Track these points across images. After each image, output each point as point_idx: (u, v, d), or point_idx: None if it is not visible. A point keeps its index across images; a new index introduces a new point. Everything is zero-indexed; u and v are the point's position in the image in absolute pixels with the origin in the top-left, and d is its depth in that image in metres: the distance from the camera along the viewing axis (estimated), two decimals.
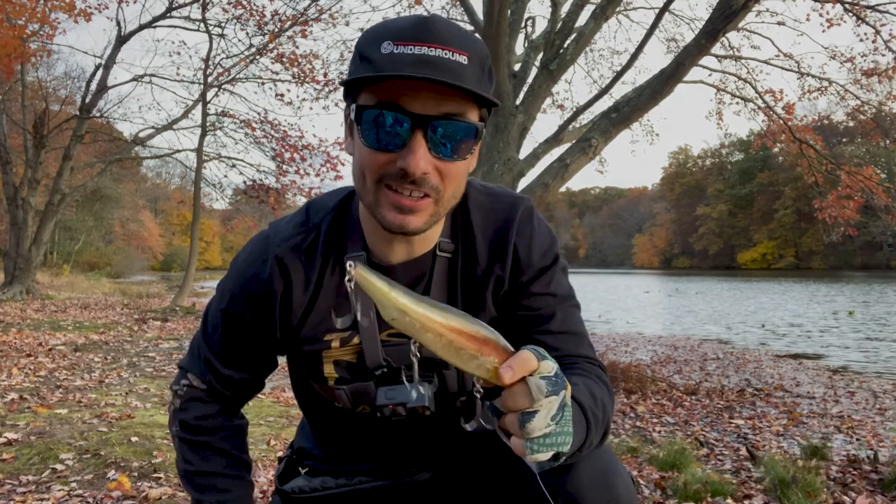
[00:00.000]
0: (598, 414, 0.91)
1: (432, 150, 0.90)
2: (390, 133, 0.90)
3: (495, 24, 5.64)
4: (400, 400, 1.03)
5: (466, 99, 0.90)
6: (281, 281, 1.06)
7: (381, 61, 0.87)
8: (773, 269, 68.24)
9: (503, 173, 6.11)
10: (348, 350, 1.09)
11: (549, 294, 1.09)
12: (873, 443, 4.30)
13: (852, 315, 15.29)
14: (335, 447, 1.25)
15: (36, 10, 11.76)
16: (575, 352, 1.07)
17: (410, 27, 0.89)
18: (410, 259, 1.07)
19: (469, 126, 0.92)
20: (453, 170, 0.94)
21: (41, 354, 6.35)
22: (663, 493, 2.76)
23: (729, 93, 11.61)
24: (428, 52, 0.87)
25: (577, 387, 0.92)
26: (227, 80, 15.04)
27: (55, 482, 2.61)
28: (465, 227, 1.09)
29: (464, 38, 0.91)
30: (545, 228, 1.12)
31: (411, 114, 0.88)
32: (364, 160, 0.94)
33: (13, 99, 17.07)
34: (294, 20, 12.63)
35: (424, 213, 0.94)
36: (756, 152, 63.44)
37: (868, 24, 9.37)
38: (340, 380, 1.11)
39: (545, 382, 0.74)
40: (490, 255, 1.08)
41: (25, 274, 15.34)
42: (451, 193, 0.96)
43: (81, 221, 34.74)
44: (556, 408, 0.74)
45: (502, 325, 1.11)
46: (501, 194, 1.13)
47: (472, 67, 0.90)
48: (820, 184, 10.91)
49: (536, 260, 1.08)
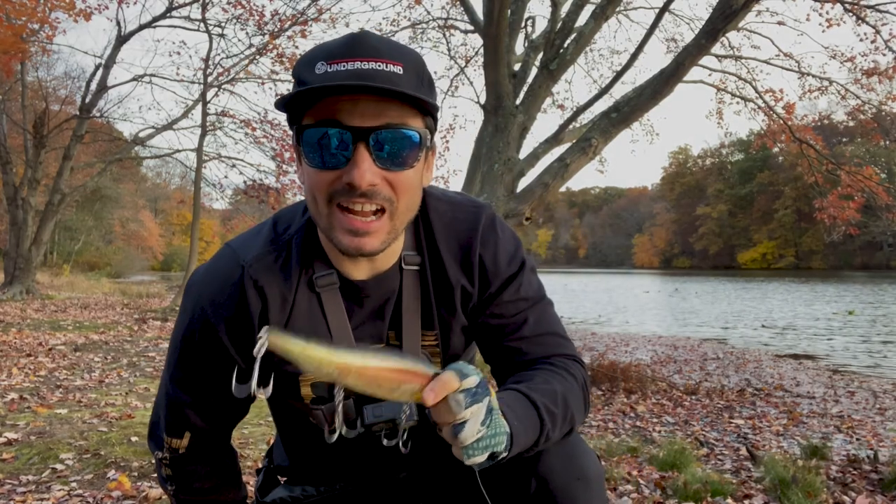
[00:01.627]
0: (554, 410, 0.94)
1: (377, 162, 0.90)
2: (333, 150, 0.90)
3: (495, 24, 5.64)
4: (388, 416, 1.02)
5: (406, 107, 0.91)
6: (258, 302, 1.02)
7: (316, 81, 0.88)
8: (773, 269, 68.21)
9: (503, 173, 6.11)
10: None
11: (520, 300, 1.09)
12: (873, 443, 4.30)
13: (853, 315, 15.28)
14: (309, 463, 1.23)
15: (36, 9, 11.76)
16: (549, 352, 1.07)
17: (342, 45, 0.90)
18: (377, 274, 1.05)
19: (411, 133, 0.91)
20: (403, 180, 0.93)
21: (41, 354, 6.35)
22: (663, 493, 2.76)
23: (729, 93, 11.61)
24: (361, 66, 0.88)
25: (535, 385, 0.96)
26: (227, 80, 15.04)
27: (55, 482, 2.61)
28: (429, 238, 1.08)
29: (397, 49, 0.93)
30: (508, 234, 1.12)
31: (351, 127, 0.88)
32: (312, 181, 0.93)
33: (13, 99, 17.06)
34: (294, 20, 12.63)
35: (380, 233, 0.94)
36: (756, 152, 63.42)
37: (868, 24, 9.37)
38: (318, 399, 1.08)
39: (464, 396, 0.79)
40: (457, 267, 1.07)
41: (25, 274, 15.33)
42: (406, 205, 0.95)
43: (81, 221, 34.71)
44: (482, 414, 0.80)
45: (474, 333, 1.12)
46: (462, 203, 1.11)
47: (408, 76, 0.90)
48: (820, 184, 10.92)
49: (503, 269, 1.08)
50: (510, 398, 0.91)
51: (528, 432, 0.89)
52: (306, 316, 1.05)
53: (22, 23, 11.49)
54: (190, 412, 1.10)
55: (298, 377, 1.07)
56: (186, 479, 1.15)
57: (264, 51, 13.61)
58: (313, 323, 1.05)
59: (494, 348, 1.10)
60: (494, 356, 1.11)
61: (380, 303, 1.06)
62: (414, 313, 1.07)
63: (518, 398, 0.92)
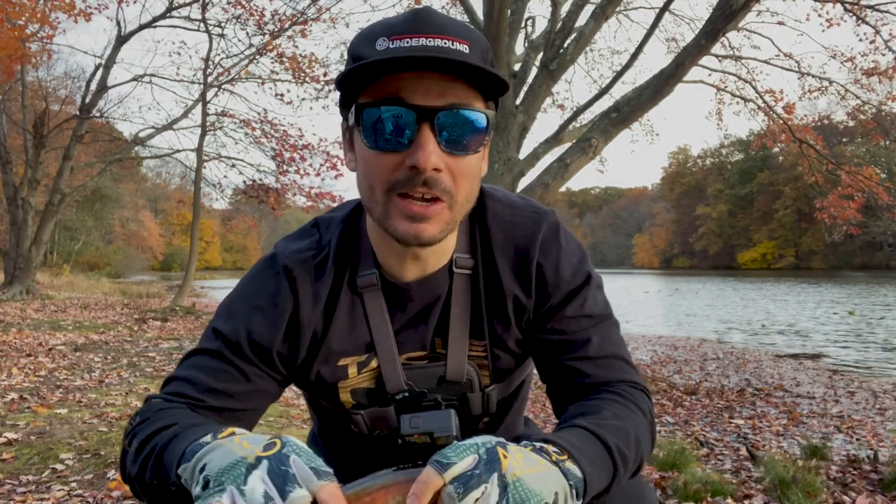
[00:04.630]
0: (626, 452, 0.85)
1: (441, 144, 0.84)
2: (395, 130, 0.84)
3: (495, 24, 5.64)
4: (425, 429, 0.93)
5: (471, 89, 0.86)
6: (290, 295, 0.97)
7: (378, 58, 0.82)
8: (773, 269, 68.22)
9: (503, 173, 6.11)
10: (366, 375, 1.01)
11: (584, 316, 0.99)
12: (873, 443, 4.30)
13: (853, 315, 15.28)
14: (348, 463, 1.15)
15: (36, 10, 11.77)
16: (614, 377, 0.98)
17: (405, 21, 0.85)
18: (424, 276, 0.99)
19: (478, 115, 0.86)
20: (464, 167, 0.87)
21: (41, 354, 6.35)
22: (663, 493, 2.76)
23: (729, 93, 11.62)
24: (426, 42, 0.82)
25: (605, 421, 0.87)
26: (227, 80, 15.05)
27: (55, 482, 2.61)
28: (484, 242, 1.01)
29: (462, 27, 0.87)
30: (574, 244, 1.04)
31: (415, 106, 0.83)
32: (370, 167, 0.87)
33: (13, 99, 17.07)
34: (294, 20, 12.63)
35: (439, 221, 0.87)
36: (756, 152, 63.41)
37: (868, 24, 9.38)
38: (358, 405, 1.03)
39: (454, 486, 0.68)
40: (511, 275, 1.00)
41: (25, 274, 15.34)
42: (465, 196, 0.90)
43: (81, 221, 34.74)
44: (495, 495, 0.68)
45: (531, 349, 1.04)
46: (523, 207, 1.04)
47: (474, 56, 0.85)
48: (820, 184, 10.93)
49: (566, 281, 0.99)
50: (580, 440, 0.82)
51: (602, 478, 0.80)
52: (347, 317, 1.00)
53: (22, 23, 11.49)
54: (205, 380, 0.95)
55: (338, 384, 1.01)
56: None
57: (264, 51, 13.62)
58: (354, 325, 1.00)
59: (553, 366, 1.00)
60: (552, 375, 1.01)
61: (425, 306, 1.00)
62: (463, 321, 1.00)
63: (588, 439, 0.83)
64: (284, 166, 15.09)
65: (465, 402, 1.02)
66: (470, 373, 1.01)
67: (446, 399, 0.99)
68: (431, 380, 1.00)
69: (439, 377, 1.01)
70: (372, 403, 1.02)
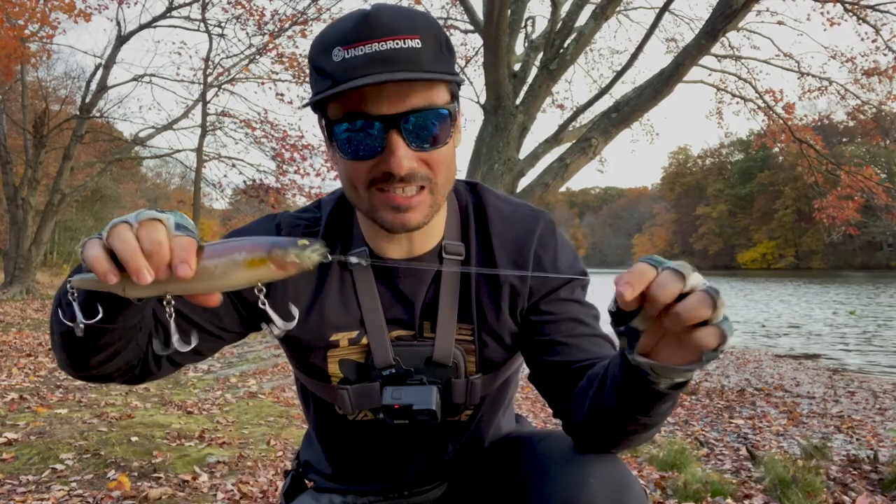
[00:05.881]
0: None
1: (411, 145, 0.89)
2: (365, 141, 0.89)
3: (495, 24, 5.64)
4: (406, 401, 0.99)
5: (431, 81, 0.89)
6: None
7: (337, 71, 0.87)
8: (773, 269, 68.21)
9: (503, 173, 6.11)
10: (356, 349, 1.05)
11: (575, 301, 1.04)
12: (873, 443, 4.30)
13: (853, 314, 15.28)
14: (341, 459, 1.19)
15: (36, 10, 11.77)
16: (608, 353, 0.99)
17: (355, 27, 0.87)
18: (412, 257, 1.04)
19: (440, 112, 0.90)
20: (439, 157, 0.92)
21: (41, 354, 6.35)
22: (663, 493, 2.76)
23: (729, 92, 11.62)
24: (379, 47, 0.86)
25: None
26: (227, 80, 15.04)
27: (55, 482, 2.61)
28: (482, 231, 1.06)
29: (410, 19, 0.90)
30: (568, 244, 1.09)
31: (379, 116, 0.87)
32: (349, 172, 0.93)
33: (13, 99, 17.06)
34: (294, 20, 12.63)
35: (423, 207, 0.93)
36: (756, 152, 63.43)
37: (868, 24, 9.39)
38: (345, 380, 1.06)
39: (672, 270, 0.71)
40: (509, 264, 1.04)
41: (25, 274, 15.33)
42: (444, 178, 0.95)
43: (81, 221, 34.71)
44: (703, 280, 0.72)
45: (523, 340, 1.06)
46: (522, 205, 1.10)
47: (427, 47, 0.88)
48: (820, 184, 10.93)
49: (563, 271, 1.04)
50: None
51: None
52: (338, 294, 1.04)
53: (22, 23, 11.49)
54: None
55: (327, 351, 1.05)
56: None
57: (264, 51, 13.62)
58: (346, 301, 1.04)
59: (544, 344, 1.02)
60: (543, 352, 1.02)
61: (412, 287, 1.04)
62: (451, 303, 1.04)
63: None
64: (284, 166, 15.09)
65: (448, 389, 1.05)
66: (457, 356, 1.05)
67: (430, 380, 1.03)
68: (419, 359, 1.04)
69: (426, 357, 1.04)
70: (359, 380, 1.05)
